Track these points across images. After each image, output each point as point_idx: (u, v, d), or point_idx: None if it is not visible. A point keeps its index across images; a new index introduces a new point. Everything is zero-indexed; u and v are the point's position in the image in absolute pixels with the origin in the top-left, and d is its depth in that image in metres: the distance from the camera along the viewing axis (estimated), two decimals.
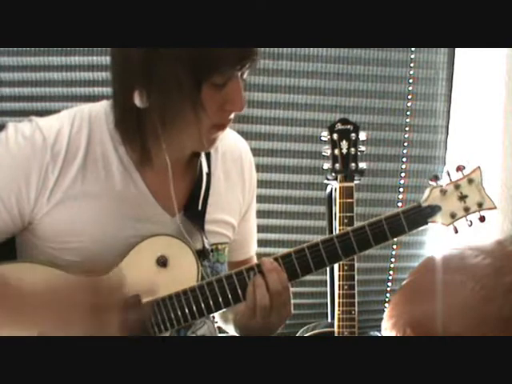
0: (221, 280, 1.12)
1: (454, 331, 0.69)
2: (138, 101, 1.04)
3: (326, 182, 1.87)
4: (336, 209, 1.83)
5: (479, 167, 1.19)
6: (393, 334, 0.75)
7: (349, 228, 1.16)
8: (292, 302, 1.15)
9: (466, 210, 1.17)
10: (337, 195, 1.81)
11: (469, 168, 1.19)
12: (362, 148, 1.81)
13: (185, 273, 1.13)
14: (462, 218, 1.17)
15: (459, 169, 1.18)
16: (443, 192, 1.17)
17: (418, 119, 2.26)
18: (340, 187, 1.80)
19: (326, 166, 1.83)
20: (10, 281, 1.07)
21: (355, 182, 1.81)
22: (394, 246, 2.27)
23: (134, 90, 1.03)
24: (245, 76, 1.07)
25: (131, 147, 1.11)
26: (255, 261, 1.37)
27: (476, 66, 2.20)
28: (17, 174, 1.07)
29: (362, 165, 1.80)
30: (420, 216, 1.17)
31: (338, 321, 1.83)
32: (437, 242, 2.25)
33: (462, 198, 1.17)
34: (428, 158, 2.27)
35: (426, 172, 2.28)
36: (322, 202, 2.13)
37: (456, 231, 1.17)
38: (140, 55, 1.00)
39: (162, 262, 1.12)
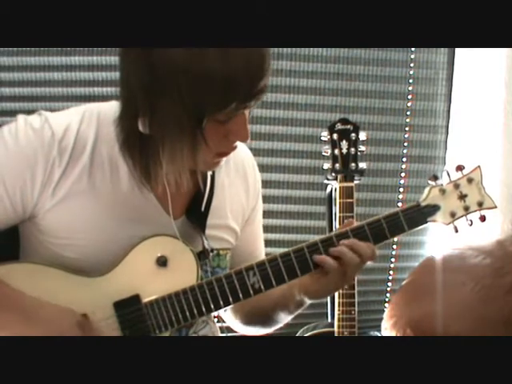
0: (220, 279, 1.12)
1: (454, 331, 0.69)
2: (141, 126, 1.04)
3: (326, 182, 1.87)
4: (336, 209, 1.82)
5: (479, 166, 1.18)
6: (393, 334, 0.75)
7: (348, 228, 1.16)
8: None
9: (466, 209, 1.16)
10: (337, 195, 1.81)
11: (469, 167, 1.19)
12: (362, 148, 1.81)
13: (184, 273, 1.14)
14: (461, 217, 1.16)
15: (459, 168, 1.18)
16: (442, 191, 1.17)
17: (418, 119, 2.25)
18: (340, 187, 1.80)
19: (326, 166, 1.83)
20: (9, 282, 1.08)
21: (355, 182, 1.81)
22: (394, 246, 2.27)
23: (137, 116, 1.03)
24: (250, 110, 1.07)
25: (133, 165, 1.12)
26: None
27: (476, 66, 2.20)
28: (23, 166, 1.07)
29: (362, 165, 1.80)
30: (419, 215, 1.16)
31: (338, 321, 1.83)
32: (437, 242, 2.25)
33: (462, 197, 1.16)
34: (428, 158, 2.27)
35: (425, 172, 2.27)
36: (322, 202, 2.13)
37: (456, 230, 1.16)
38: (142, 84, 1.00)
39: (162, 262, 1.12)
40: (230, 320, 1.36)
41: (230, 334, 1.21)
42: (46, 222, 1.11)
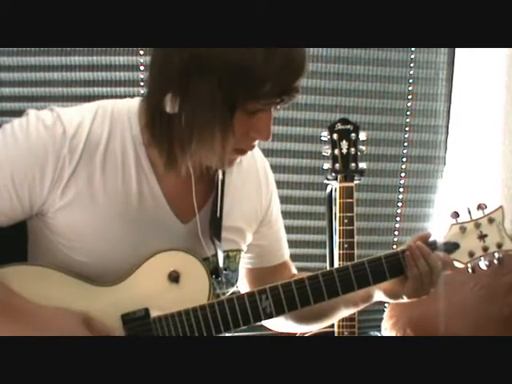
0: (232, 301, 1.11)
1: (454, 331, 0.69)
2: (168, 106, 1.03)
3: (325, 182, 1.87)
4: (336, 209, 1.83)
5: (501, 207, 1.16)
6: (393, 334, 0.76)
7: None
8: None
9: (485, 249, 1.14)
10: (337, 195, 1.81)
11: (490, 207, 1.16)
12: (362, 148, 1.81)
13: (196, 291, 1.12)
14: (480, 257, 1.14)
15: (480, 207, 1.16)
16: (463, 229, 1.15)
17: (418, 119, 2.26)
18: (340, 187, 1.80)
19: (326, 166, 1.83)
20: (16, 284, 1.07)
21: (355, 182, 1.81)
22: (394, 247, 2.26)
23: (167, 93, 1.02)
24: (277, 108, 1.07)
25: (158, 150, 1.10)
26: (291, 265, 1.36)
27: (476, 66, 2.20)
28: (33, 163, 1.05)
29: (362, 165, 1.80)
30: (438, 251, 1.15)
31: (338, 321, 1.83)
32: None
33: (482, 237, 1.15)
34: (428, 158, 2.27)
35: (425, 172, 2.28)
36: (322, 202, 2.13)
37: (473, 271, 1.15)
38: (182, 62, 0.99)
39: (174, 278, 1.11)
40: (276, 323, 1.32)
41: (229, 334, 1.21)
42: (57, 222, 1.10)
